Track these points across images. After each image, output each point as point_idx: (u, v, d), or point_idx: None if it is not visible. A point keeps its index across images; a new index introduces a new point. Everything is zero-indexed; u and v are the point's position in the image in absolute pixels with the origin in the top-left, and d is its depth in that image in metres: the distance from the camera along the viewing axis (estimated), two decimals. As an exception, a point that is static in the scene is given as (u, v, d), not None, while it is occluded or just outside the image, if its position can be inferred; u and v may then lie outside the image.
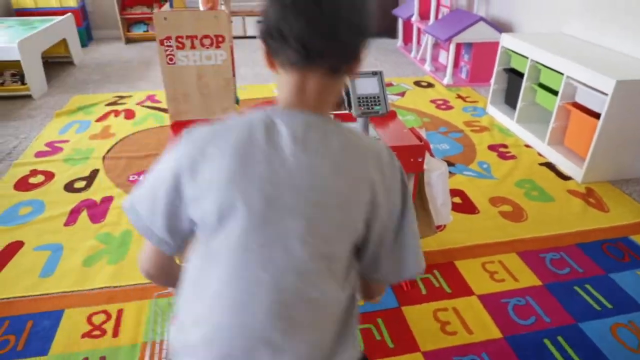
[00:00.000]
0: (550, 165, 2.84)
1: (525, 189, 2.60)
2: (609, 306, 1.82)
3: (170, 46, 1.65)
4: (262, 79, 4.29)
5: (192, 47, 1.66)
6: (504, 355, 1.62)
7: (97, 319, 1.74)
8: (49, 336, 1.67)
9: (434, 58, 4.60)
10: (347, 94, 1.57)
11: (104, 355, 1.60)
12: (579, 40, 3.14)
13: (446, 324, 1.74)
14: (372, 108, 1.56)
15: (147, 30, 5.55)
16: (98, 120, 3.40)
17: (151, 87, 4.04)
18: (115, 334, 1.68)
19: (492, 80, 3.51)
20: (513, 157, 2.94)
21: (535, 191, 2.58)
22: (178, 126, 1.75)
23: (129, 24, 5.58)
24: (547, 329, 1.72)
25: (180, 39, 1.64)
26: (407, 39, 5.35)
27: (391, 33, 5.73)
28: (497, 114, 3.45)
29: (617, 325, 1.73)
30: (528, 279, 1.96)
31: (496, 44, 3.90)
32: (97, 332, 1.69)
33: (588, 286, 1.91)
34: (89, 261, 2.03)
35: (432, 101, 3.80)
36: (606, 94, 2.41)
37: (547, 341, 1.67)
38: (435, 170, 1.76)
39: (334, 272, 0.77)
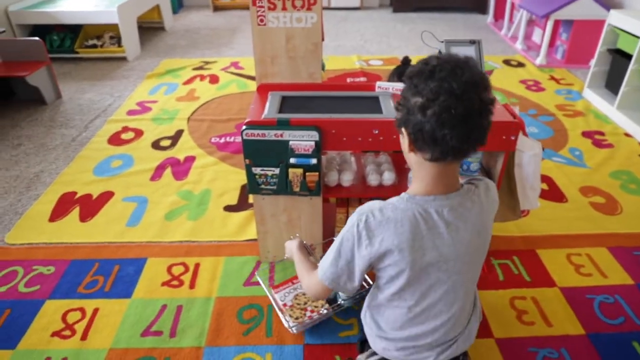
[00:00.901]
0: (652, 157, 2.58)
1: (622, 180, 2.38)
2: None
3: (262, 6, 1.64)
4: (344, 51, 4.24)
5: (284, 8, 1.64)
6: (586, 353, 1.51)
7: (176, 270, 1.84)
8: (132, 281, 1.79)
9: (527, 36, 4.29)
10: (440, 62, 1.49)
11: (181, 305, 1.68)
12: (703, 20, 2.78)
13: (523, 312, 1.65)
14: (466, 79, 1.47)
15: (235, -1, 5.66)
16: (185, 83, 3.54)
17: (235, 54, 4.14)
18: (192, 285, 1.76)
19: (593, 62, 3.21)
20: (610, 145, 2.69)
21: (634, 184, 2.35)
22: (264, 89, 1.76)
23: (217, -8, 5.71)
24: (637, 332, 1.58)
25: (272, 0, 1.63)
26: (499, 15, 5.02)
27: (481, 8, 5.42)
28: (595, 99, 3.17)
29: None
30: (619, 276, 1.80)
31: (601, 22, 3.55)
32: (175, 282, 1.78)
33: (690, 292, 1.73)
34: (170, 215, 2.14)
35: (522, 81, 3.56)
36: None
37: (636, 344, 1.54)
38: (528, 151, 1.64)
39: (475, 284, 1.19)
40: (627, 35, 2.87)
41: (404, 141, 1.02)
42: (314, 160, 1.56)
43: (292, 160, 1.56)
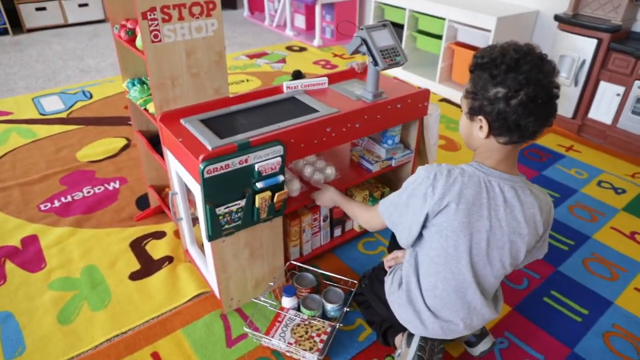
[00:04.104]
0: (447, 100, 3.20)
1: (446, 123, 2.90)
2: (558, 195, 2.21)
3: (154, 19, 1.33)
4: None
5: (180, 17, 1.37)
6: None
7: (132, 374, 1.41)
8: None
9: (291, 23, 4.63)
10: (368, 48, 1.52)
11: (173, 406, 1.31)
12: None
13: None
14: (394, 59, 1.55)
15: None
16: (-63, 152, 2.54)
17: (-18, 100, 3.15)
18: (169, 379, 1.39)
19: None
20: (417, 99, 3.21)
21: (453, 124, 2.90)
22: (169, 118, 1.45)
23: None
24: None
25: (166, 10, 1.34)
26: (254, 9, 5.21)
27: (231, 4, 5.51)
28: (381, 65, 3.69)
29: (571, 207, 2.15)
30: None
31: (353, 2, 4.14)
32: (145, 388, 1.37)
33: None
34: (64, 316, 1.59)
35: (315, 63, 3.85)
36: (489, 30, 2.80)
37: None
38: (432, 114, 1.85)
39: (504, 268, 1.17)
40: (393, 8, 3.42)
41: (475, 126, 1.07)
42: (281, 178, 1.41)
43: (259, 185, 1.37)
